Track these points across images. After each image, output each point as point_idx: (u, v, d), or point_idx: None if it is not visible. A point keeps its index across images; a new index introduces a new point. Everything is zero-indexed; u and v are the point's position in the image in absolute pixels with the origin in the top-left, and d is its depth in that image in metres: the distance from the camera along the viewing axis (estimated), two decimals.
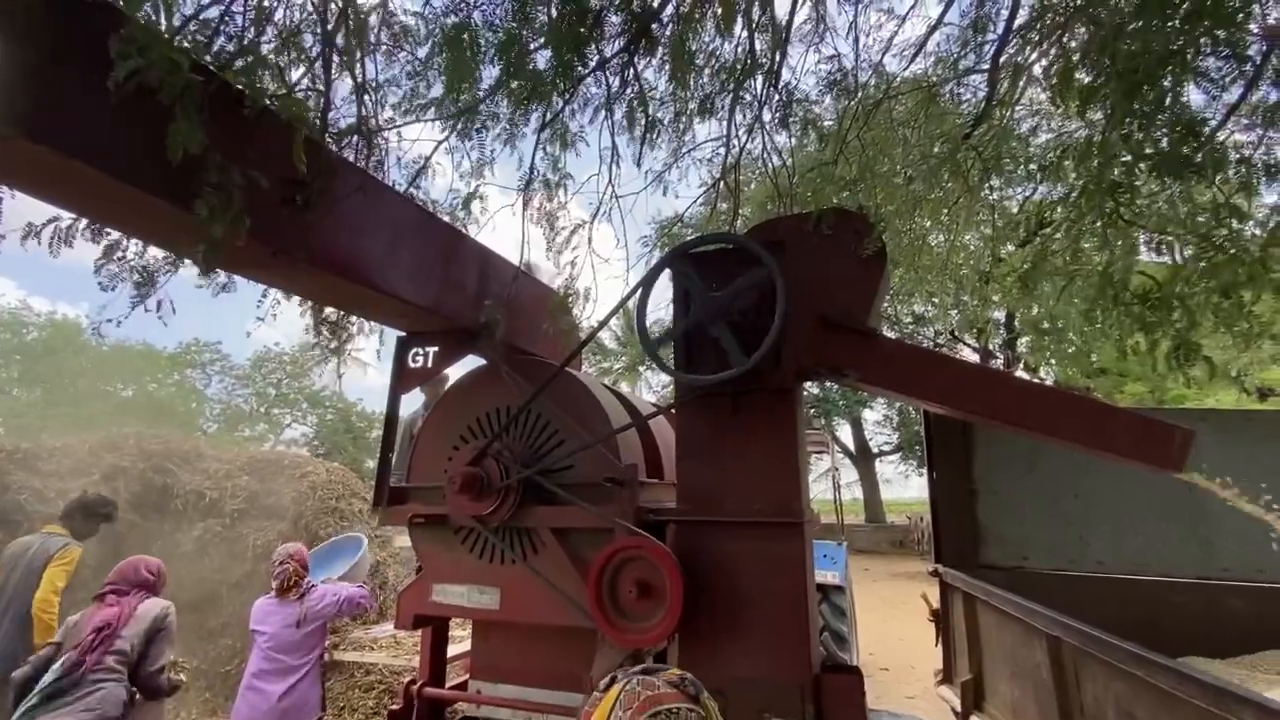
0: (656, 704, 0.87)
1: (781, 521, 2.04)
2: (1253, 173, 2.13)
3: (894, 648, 8.34)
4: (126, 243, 1.98)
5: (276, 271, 2.09)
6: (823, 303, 2.11)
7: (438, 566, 2.60)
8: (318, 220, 1.97)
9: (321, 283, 2.15)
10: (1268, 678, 2.27)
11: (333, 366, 3.16)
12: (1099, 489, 2.77)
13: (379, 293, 2.21)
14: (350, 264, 2.10)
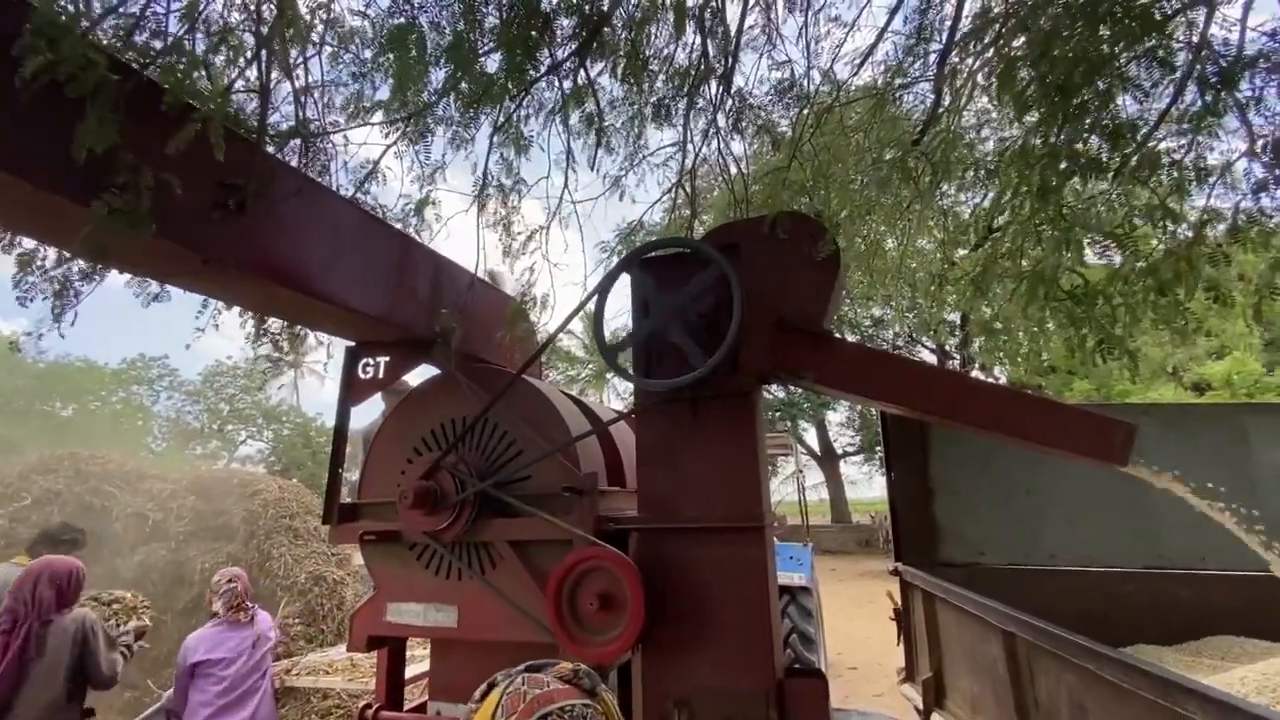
0: (546, 703, 0.79)
1: (743, 526, 2.02)
2: (1184, 176, 2.22)
3: (862, 646, 8.45)
4: (44, 252, 1.85)
5: (210, 280, 1.99)
6: (779, 306, 2.11)
7: (392, 585, 2.51)
8: (254, 226, 1.88)
9: (260, 291, 2.05)
10: (1212, 663, 2.35)
11: (289, 380, 3.04)
12: (1050, 485, 2.84)
13: (323, 301, 2.13)
14: (290, 271, 2.01)
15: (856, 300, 15.21)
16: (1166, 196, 2.34)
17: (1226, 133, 2.39)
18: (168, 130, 1.58)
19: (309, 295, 2.07)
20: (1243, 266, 3.34)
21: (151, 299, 2.25)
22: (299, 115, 2.19)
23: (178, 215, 1.59)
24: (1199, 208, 2.51)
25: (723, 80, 2.59)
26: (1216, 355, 12.16)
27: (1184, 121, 2.27)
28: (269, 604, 5.49)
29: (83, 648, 2.75)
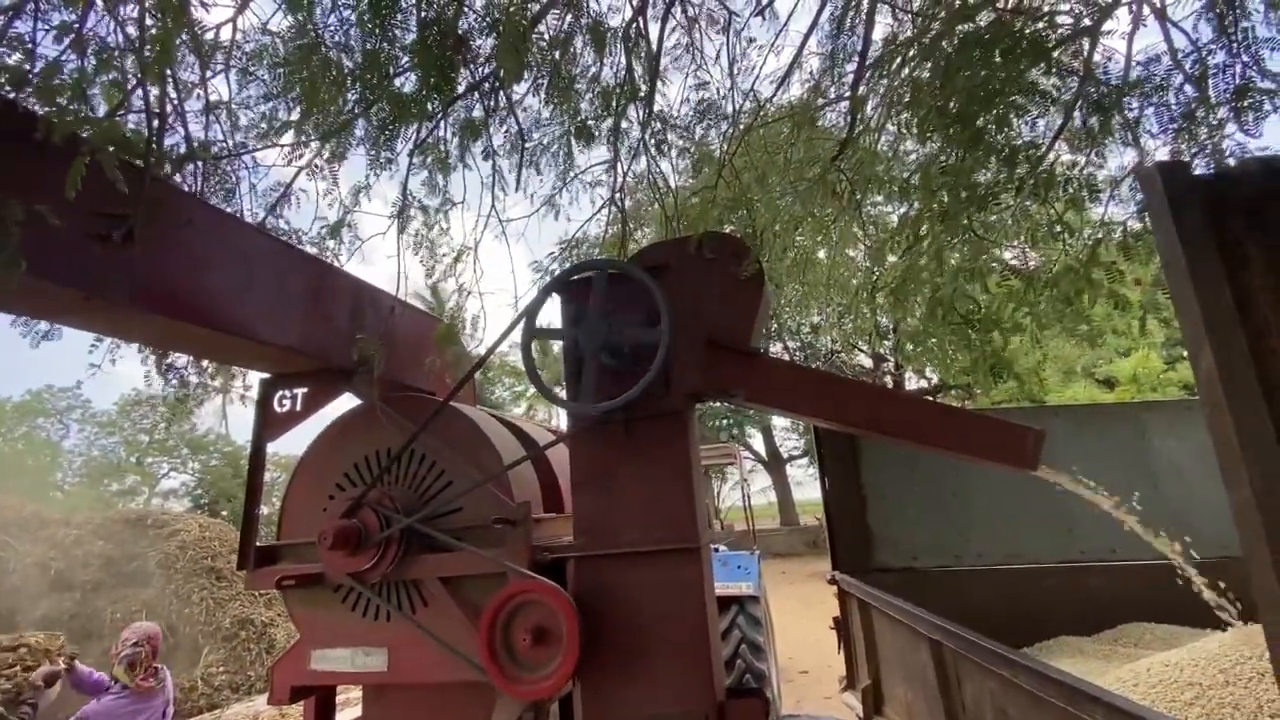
0: None
1: (679, 548, 2.00)
2: (1077, 194, 2.37)
3: (812, 649, 8.58)
4: None
5: (97, 316, 1.83)
6: (708, 325, 2.12)
7: (316, 630, 2.36)
8: (145, 257, 1.74)
9: (156, 327, 1.91)
10: (1128, 651, 2.49)
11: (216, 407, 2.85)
12: (974, 487, 2.96)
13: (228, 334, 1.99)
14: (189, 304, 1.88)
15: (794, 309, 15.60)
16: (1064, 212, 2.50)
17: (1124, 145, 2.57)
18: (39, 157, 1.45)
19: (211, 328, 1.94)
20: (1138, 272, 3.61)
21: (41, 337, 2.07)
22: (188, 137, 2.06)
23: (53, 250, 1.45)
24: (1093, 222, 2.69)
25: (645, 101, 2.60)
26: (1124, 353, 13.10)
27: (1076, 142, 2.43)
28: (189, 653, 5.12)
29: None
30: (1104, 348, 12.14)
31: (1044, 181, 2.12)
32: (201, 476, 26.16)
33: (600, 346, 2.08)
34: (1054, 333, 2.96)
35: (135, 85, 1.79)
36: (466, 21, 2.24)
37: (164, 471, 26.37)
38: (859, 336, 15.52)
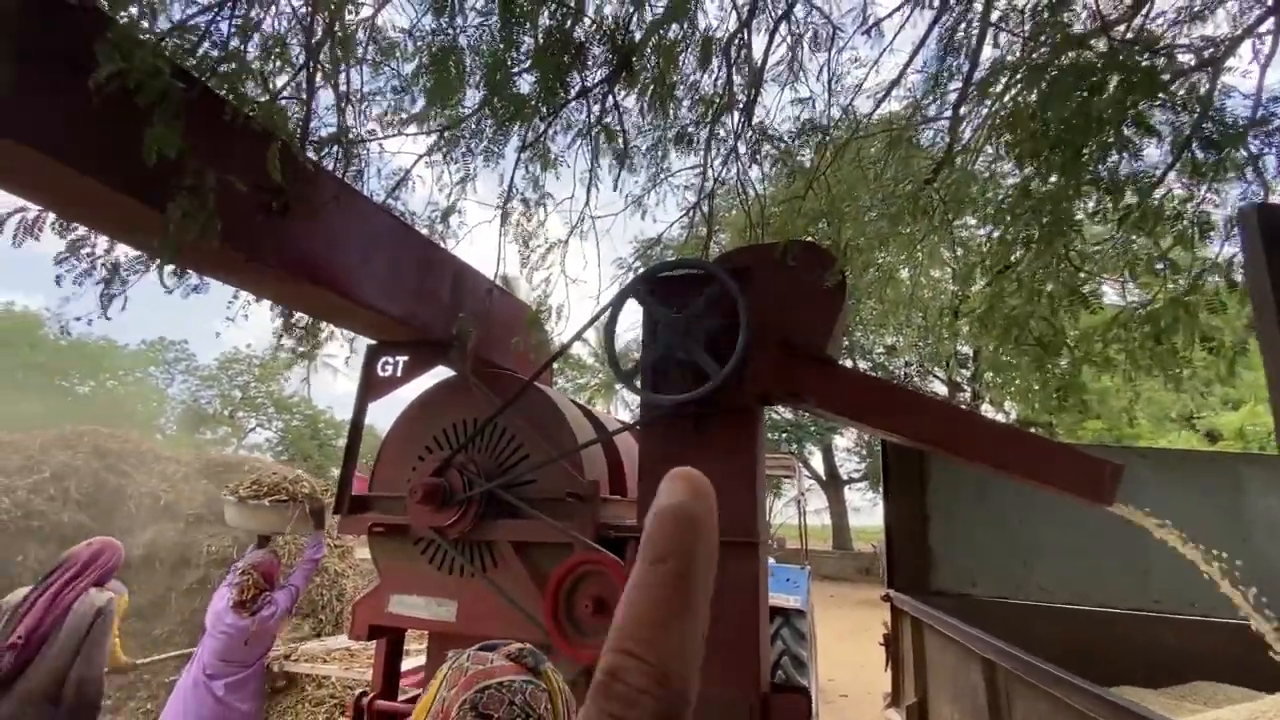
0: (486, 677, 0.79)
1: (738, 541, 2.08)
2: (1187, 229, 2.28)
3: (855, 674, 8.39)
4: (94, 238, 1.98)
5: (249, 276, 2.11)
6: (784, 330, 2.19)
7: (395, 577, 2.59)
8: (293, 228, 2.00)
9: (294, 289, 2.16)
10: (1194, 707, 2.37)
11: (301, 371, 3.16)
12: (1045, 517, 2.88)
13: (351, 302, 2.24)
14: (324, 272, 2.13)
15: (869, 328, 15.22)
16: (1170, 248, 2.41)
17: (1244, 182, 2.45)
18: (223, 136, 1.70)
19: (338, 294, 2.18)
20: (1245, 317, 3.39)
21: (191, 290, 2.38)
22: (340, 123, 2.32)
23: (226, 217, 1.70)
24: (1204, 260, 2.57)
25: (745, 111, 2.69)
26: (1233, 406, 12.04)
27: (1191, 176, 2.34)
28: None
29: (91, 626, 2.74)
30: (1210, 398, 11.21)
31: (1152, 213, 2.07)
32: (283, 434, 28.13)
33: (679, 342, 2.20)
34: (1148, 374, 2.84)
35: (296, 72, 2.04)
36: (583, 30, 2.41)
37: (251, 426, 28.54)
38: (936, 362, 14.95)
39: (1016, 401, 10.83)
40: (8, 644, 2.55)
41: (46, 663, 2.62)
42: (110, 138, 1.51)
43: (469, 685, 0.80)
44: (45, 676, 2.61)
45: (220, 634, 3.29)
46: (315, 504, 3.86)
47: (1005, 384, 3.77)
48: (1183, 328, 2.03)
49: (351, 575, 6.13)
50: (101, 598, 2.83)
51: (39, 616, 2.63)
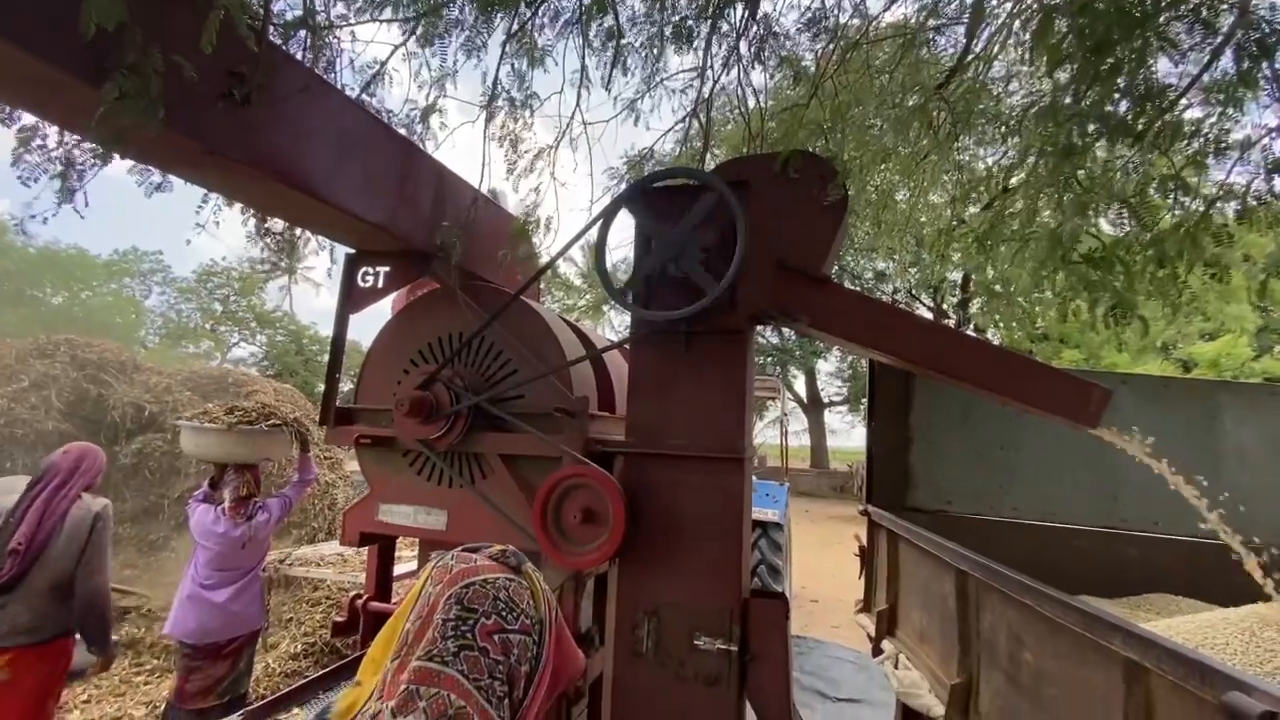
0: (471, 575, 0.83)
1: (724, 457, 2.10)
2: (1204, 149, 2.19)
3: (826, 583, 8.91)
4: (44, 129, 1.82)
5: (213, 173, 1.96)
6: (781, 246, 2.12)
7: (384, 487, 2.62)
8: (258, 119, 1.84)
9: (263, 188, 2.03)
10: (1146, 616, 2.53)
11: (282, 285, 3.05)
12: (1024, 442, 2.95)
13: (325, 204, 2.11)
14: (294, 170, 1.99)
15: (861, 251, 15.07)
16: (1182, 168, 2.32)
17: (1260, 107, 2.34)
18: (175, 13, 1.52)
19: (311, 196, 2.05)
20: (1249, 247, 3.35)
21: (154, 189, 2.23)
22: (307, 4, 2.10)
23: (182, 103, 1.55)
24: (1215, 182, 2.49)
25: (749, 3, 2.48)
26: (1210, 337, 12.27)
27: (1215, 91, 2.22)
28: None
29: (91, 533, 2.77)
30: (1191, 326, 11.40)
31: (1171, 129, 1.97)
32: (268, 349, 27.94)
33: (672, 257, 2.12)
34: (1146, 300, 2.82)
35: None
36: None
37: (234, 341, 28.27)
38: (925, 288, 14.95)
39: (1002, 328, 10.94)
40: (9, 550, 2.58)
41: (49, 566, 2.66)
42: (51, 5, 1.34)
43: (454, 581, 0.83)
44: (50, 578, 2.67)
45: (211, 546, 3.35)
46: (301, 427, 3.84)
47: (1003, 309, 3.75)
48: (1187, 253, 1.98)
49: (342, 486, 6.26)
50: (97, 503, 2.85)
51: (34, 523, 2.64)
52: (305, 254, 3.11)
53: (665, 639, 2.04)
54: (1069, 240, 1.87)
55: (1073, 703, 1.33)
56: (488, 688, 0.77)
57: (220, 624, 3.29)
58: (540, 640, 0.84)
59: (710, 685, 1.98)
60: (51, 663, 2.70)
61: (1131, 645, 1.10)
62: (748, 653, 1.99)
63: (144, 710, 3.87)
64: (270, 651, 4.42)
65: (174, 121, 1.60)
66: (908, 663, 2.26)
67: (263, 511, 3.48)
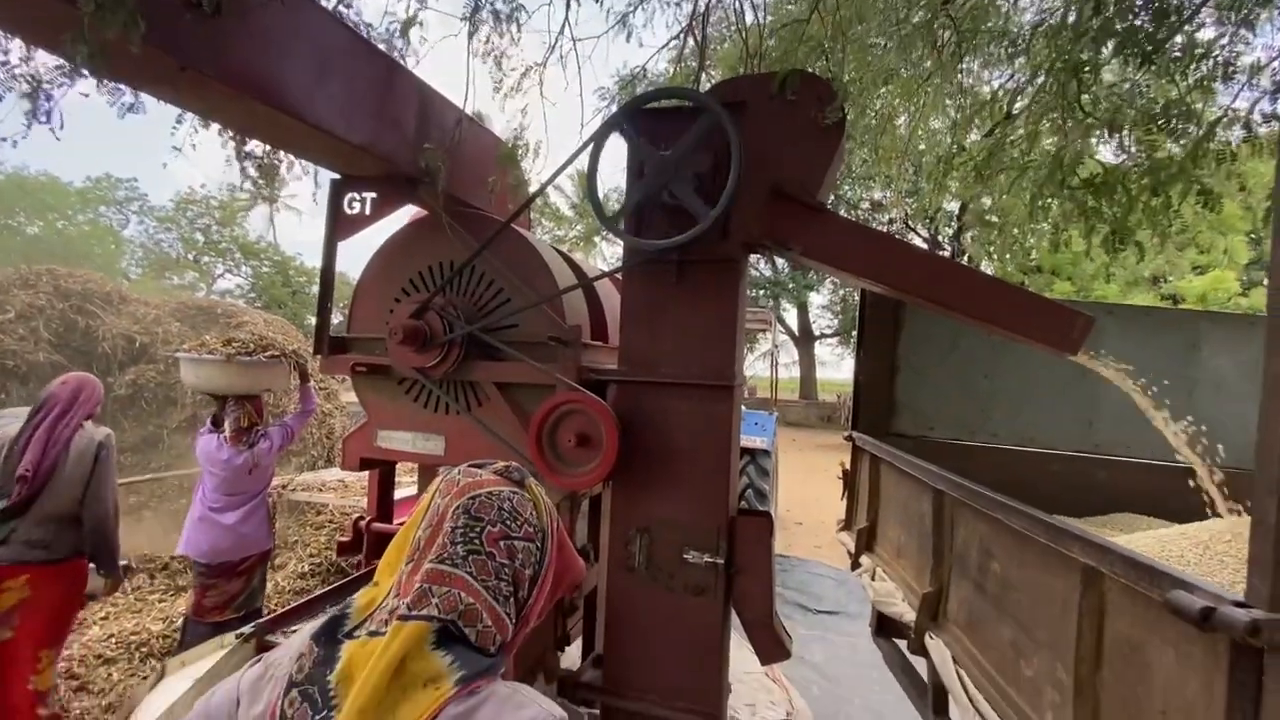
0: (477, 488, 0.87)
1: (714, 385, 2.15)
2: (1214, 70, 2.13)
3: (810, 507, 9.28)
4: (7, 43, 1.73)
5: (187, 90, 1.88)
6: (777, 172, 2.08)
7: (382, 415, 2.66)
8: (231, 33, 1.75)
9: (239, 107, 1.95)
10: (1110, 533, 2.68)
11: (264, 213, 2.98)
12: (1006, 371, 3.02)
13: (304, 124, 2.03)
14: (271, 87, 1.91)
15: (858, 180, 14.75)
16: (1189, 92, 2.27)
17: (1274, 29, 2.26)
18: None
19: (289, 115, 1.98)
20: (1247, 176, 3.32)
21: (126, 109, 2.14)
22: None
23: (152, 14, 1.47)
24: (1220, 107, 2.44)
25: None
26: (1201, 271, 12.29)
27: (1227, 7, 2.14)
28: None
29: (95, 461, 2.82)
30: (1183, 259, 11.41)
31: (1186, 49, 1.91)
32: (254, 281, 27.49)
33: (664, 183, 2.08)
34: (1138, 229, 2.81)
35: None
36: None
37: (219, 272, 27.75)
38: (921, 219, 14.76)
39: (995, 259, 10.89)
40: (16, 476, 2.64)
41: (57, 491, 2.73)
42: None
43: (461, 494, 0.86)
44: (59, 502, 2.74)
45: (217, 472, 3.44)
46: (299, 358, 3.85)
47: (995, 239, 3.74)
48: (1182, 181, 1.97)
49: (339, 415, 6.35)
50: (100, 432, 2.89)
51: (39, 451, 2.69)
52: (287, 179, 3.03)
53: (656, 554, 2.16)
54: (1070, 165, 1.85)
55: (1034, 606, 1.44)
56: (494, 587, 0.82)
57: (231, 544, 3.43)
58: (543, 547, 0.89)
59: (698, 595, 2.11)
60: (68, 581, 2.82)
61: (1090, 553, 1.18)
62: (733, 565, 2.11)
63: (161, 625, 4.07)
64: (279, 571, 4.62)
65: (147, 35, 1.52)
66: (884, 575, 2.40)
67: (264, 440, 3.55)
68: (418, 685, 0.74)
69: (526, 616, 0.88)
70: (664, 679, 2.16)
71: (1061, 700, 1.27)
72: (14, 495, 2.63)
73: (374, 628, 0.81)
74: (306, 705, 0.76)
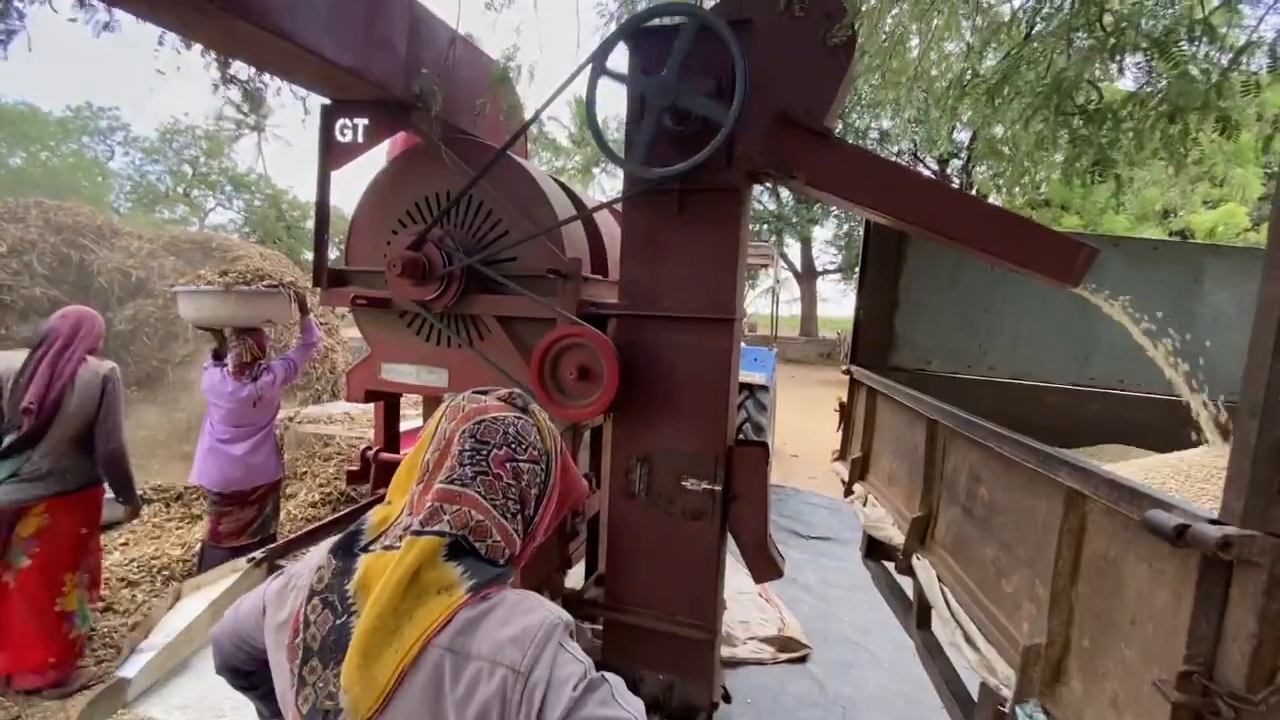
0: (482, 414, 0.89)
1: (715, 318, 2.15)
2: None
3: (807, 440, 9.47)
4: None
5: (164, 7, 1.79)
6: (783, 96, 2.01)
7: (385, 348, 2.68)
8: None
9: (220, 25, 1.86)
10: (1100, 461, 2.75)
11: (253, 144, 2.90)
12: (1006, 305, 3.02)
13: (290, 43, 1.95)
14: (255, 4, 1.81)
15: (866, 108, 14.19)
16: (1213, 12, 2.16)
17: None
18: None
19: (276, 34, 1.89)
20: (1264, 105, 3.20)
21: (102, 28, 2.05)
22: None
23: None
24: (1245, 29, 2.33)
25: None
26: (1213, 205, 12.02)
27: None
28: None
29: (103, 395, 2.87)
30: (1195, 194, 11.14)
31: None
32: (247, 214, 26.96)
33: (667, 106, 2.01)
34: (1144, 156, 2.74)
35: None
36: None
37: (210, 206, 27.18)
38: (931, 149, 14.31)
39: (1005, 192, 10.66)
40: (22, 409, 2.68)
41: (65, 423, 2.78)
42: None
43: (467, 419, 0.89)
44: (68, 434, 2.80)
45: (223, 404, 3.49)
46: (299, 289, 3.83)
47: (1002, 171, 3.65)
48: (1201, 104, 1.90)
49: (341, 350, 6.39)
50: (104, 366, 2.92)
51: (44, 384, 2.73)
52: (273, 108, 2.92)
53: (656, 481, 2.23)
54: (1068, 90, 1.79)
55: (1018, 528, 1.50)
56: (502, 506, 0.86)
57: (241, 474, 3.53)
58: (547, 469, 0.93)
59: (695, 520, 2.20)
60: (85, 509, 2.92)
61: (1074, 477, 1.22)
62: (730, 492, 2.18)
63: (180, 550, 4.25)
64: (290, 500, 4.78)
65: None
66: (875, 501, 2.49)
67: (267, 373, 3.59)
68: (431, 593, 0.79)
69: (533, 532, 0.92)
70: (663, 595, 2.28)
71: (1038, 612, 1.35)
72: (22, 428, 2.69)
73: (389, 542, 0.85)
74: (328, 611, 0.81)
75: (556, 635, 0.78)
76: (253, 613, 0.99)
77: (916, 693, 3.23)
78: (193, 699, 2.21)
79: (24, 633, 2.79)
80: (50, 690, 2.86)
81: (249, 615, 1.00)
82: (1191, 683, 0.92)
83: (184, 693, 2.24)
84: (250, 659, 1.04)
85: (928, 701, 2.75)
